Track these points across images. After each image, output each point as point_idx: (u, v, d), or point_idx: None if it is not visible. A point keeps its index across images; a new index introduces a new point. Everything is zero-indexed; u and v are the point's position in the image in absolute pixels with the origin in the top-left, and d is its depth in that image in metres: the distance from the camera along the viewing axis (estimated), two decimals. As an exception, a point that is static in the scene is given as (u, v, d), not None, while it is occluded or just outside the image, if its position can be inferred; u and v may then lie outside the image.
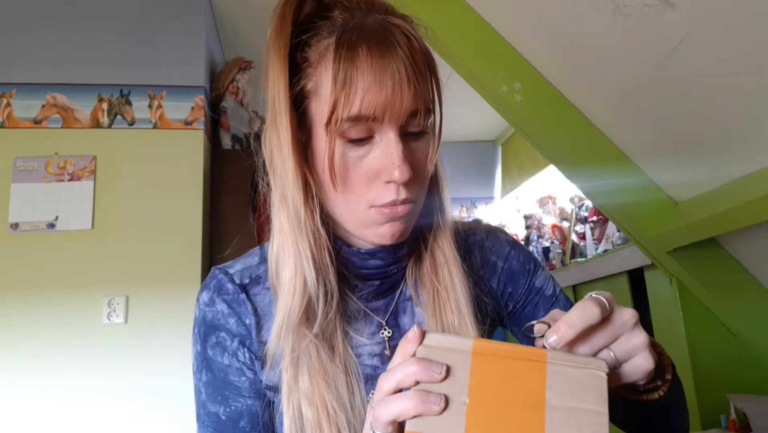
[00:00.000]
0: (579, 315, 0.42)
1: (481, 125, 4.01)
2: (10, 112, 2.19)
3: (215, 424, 0.61)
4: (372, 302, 0.64)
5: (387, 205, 0.55)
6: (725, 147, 1.18)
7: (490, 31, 1.45)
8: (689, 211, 1.34)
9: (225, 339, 0.61)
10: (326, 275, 0.57)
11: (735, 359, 1.52)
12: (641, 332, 0.46)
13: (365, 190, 0.55)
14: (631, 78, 1.23)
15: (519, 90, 1.44)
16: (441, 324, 0.61)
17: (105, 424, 2.00)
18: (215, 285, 0.63)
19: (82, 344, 2.04)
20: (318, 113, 0.55)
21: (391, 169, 0.53)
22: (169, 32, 2.35)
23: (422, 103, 0.54)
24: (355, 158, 0.54)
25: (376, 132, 0.54)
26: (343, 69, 0.51)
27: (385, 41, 0.52)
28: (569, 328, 0.42)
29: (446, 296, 0.62)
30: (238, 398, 0.61)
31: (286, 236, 0.57)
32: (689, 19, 0.97)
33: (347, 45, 0.52)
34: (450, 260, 0.63)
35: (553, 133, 1.47)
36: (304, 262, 0.56)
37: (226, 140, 2.53)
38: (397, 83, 0.51)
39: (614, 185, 1.45)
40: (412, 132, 0.55)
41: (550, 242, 3.00)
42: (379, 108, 0.51)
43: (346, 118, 0.52)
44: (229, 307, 0.62)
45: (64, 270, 2.09)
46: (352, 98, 0.51)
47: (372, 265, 0.62)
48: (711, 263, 1.44)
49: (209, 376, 0.62)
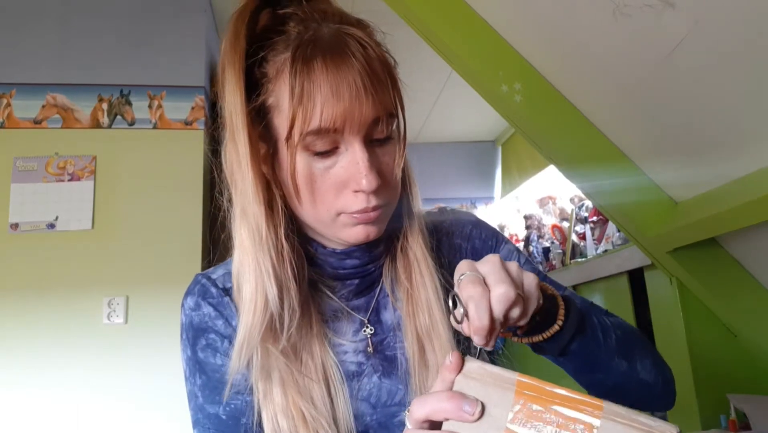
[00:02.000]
0: (477, 304, 0.44)
1: (481, 125, 4.01)
2: (10, 112, 2.19)
3: (217, 425, 0.61)
4: (353, 301, 0.65)
5: (357, 212, 0.56)
6: (725, 147, 1.18)
7: (490, 31, 1.45)
8: (689, 212, 1.34)
9: (215, 340, 0.62)
10: (288, 290, 0.57)
11: (735, 359, 1.52)
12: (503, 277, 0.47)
13: (334, 199, 0.56)
14: (631, 78, 1.23)
15: (519, 90, 1.44)
16: (415, 324, 0.62)
17: (105, 424, 2.00)
18: (200, 290, 0.64)
19: (82, 344, 2.04)
20: (280, 128, 0.55)
21: (358, 178, 0.54)
22: (169, 32, 2.35)
23: (383, 110, 0.54)
24: (322, 170, 0.55)
25: (341, 143, 0.54)
26: (299, 83, 0.51)
27: (340, 52, 0.52)
28: (479, 322, 0.44)
29: (418, 295, 0.62)
30: (236, 396, 0.61)
31: (247, 251, 0.56)
32: (689, 19, 0.97)
33: (302, 59, 0.52)
34: (420, 258, 0.63)
35: (553, 133, 1.47)
36: (265, 278, 0.55)
37: (226, 140, 2.53)
38: (354, 94, 0.51)
39: (614, 185, 1.45)
40: (377, 139, 0.56)
41: (550, 242, 3.00)
42: (338, 120, 0.51)
43: (306, 133, 0.52)
44: (216, 310, 0.62)
45: (64, 270, 2.09)
46: (311, 113, 0.51)
47: (349, 264, 0.62)
48: (711, 263, 1.44)
49: (204, 378, 0.62)
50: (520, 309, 0.47)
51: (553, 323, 0.54)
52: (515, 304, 0.46)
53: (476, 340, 0.45)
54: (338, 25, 0.55)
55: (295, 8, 0.57)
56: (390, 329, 0.65)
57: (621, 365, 0.61)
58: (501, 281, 0.45)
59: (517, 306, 0.46)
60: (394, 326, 0.65)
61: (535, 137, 1.51)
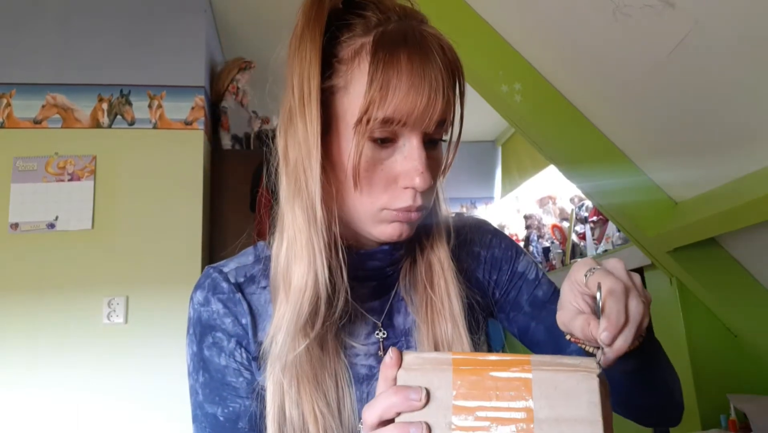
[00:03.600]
0: (618, 304, 0.43)
1: (481, 125, 4.01)
2: (10, 112, 2.19)
3: (213, 425, 0.60)
4: (367, 303, 0.64)
5: (401, 209, 0.55)
6: (725, 147, 1.18)
7: (490, 31, 1.45)
8: (689, 211, 1.34)
9: (222, 339, 0.60)
10: (337, 275, 0.56)
11: (735, 359, 1.52)
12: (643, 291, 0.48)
13: (381, 192, 0.55)
14: (631, 78, 1.23)
15: (519, 90, 1.44)
16: (433, 332, 0.61)
17: (105, 424, 2.00)
18: (209, 284, 0.62)
19: (82, 344, 2.04)
20: (345, 111, 0.54)
21: (412, 175, 0.53)
22: (169, 32, 2.35)
23: (449, 114, 0.55)
24: (376, 160, 0.54)
25: (400, 136, 0.54)
26: (383, 71, 0.51)
27: (424, 49, 0.52)
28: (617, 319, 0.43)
29: (440, 305, 0.61)
30: (236, 399, 0.60)
31: (301, 231, 0.55)
32: (689, 19, 0.97)
33: (387, 48, 0.51)
34: (446, 268, 0.63)
35: (553, 133, 1.47)
36: (317, 259, 0.54)
37: (226, 140, 2.53)
38: (433, 92, 0.51)
39: (614, 185, 1.45)
40: (431, 140, 0.56)
41: (550, 242, 3.00)
42: (412, 114, 0.51)
43: (379, 119, 0.51)
44: (225, 306, 0.61)
45: (64, 270, 2.09)
46: (388, 101, 0.51)
47: (369, 266, 0.61)
48: (711, 263, 1.44)
49: (206, 377, 0.61)
50: (647, 321, 0.46)
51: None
52: (645, 315, 0.46)
53: (603, 337, 0.43)
54: (420, 23, 0.55)
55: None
56: (402, 333, 0.64)
57: (671, 384, 0.62)
58: (638, 292, 0.46)
59: (646, 318, 0.46)
60: (406, 330, 0.64)
61: (535, 137, 1.51)
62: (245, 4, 2.58)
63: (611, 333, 0.43)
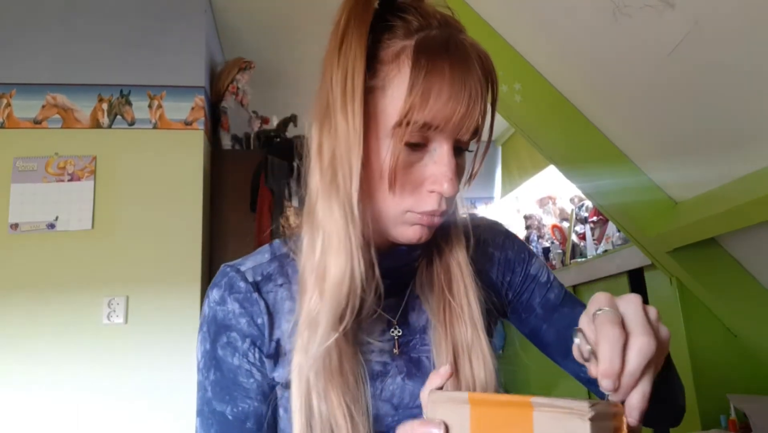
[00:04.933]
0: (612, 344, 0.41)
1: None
2: (10, 112, 2.19)
3: (221, 423, 0.61)
4: (383, 300, 0.63)
5: (426, 213, 0.56)
6: (725, 147, 1.18)
7: (489, 31, 1.45)
8: (689, 211, 1.34)
9: (236, 339, 0.61)
10: (369, 271, 0.56)
11: (735, 359, 1.52)
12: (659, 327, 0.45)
13: (408, 195, 0.55)
14: (631, 78, 1.23)
15: (519, 90, 1.44)
16: (452, 335, 0.61)
17: (105, 424, 1.99)
18: (226, 283, 0.62)
19: (82, 344, 2.04)
20: (380, 112, 0.54)
21: (441, 181, 0.54)
22: (169, 32, 2.35)
23: (483, 122, 0.55)
24: (407, 163, 0.55)
25: (432, 141, 0.54)
26: (425, 77, 0.51)
27: (466, 58, 0.53)
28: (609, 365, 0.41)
29: (459, 309, 0.62)
30: (246, 399, 0.60)
31: (338, 226, 0.54)
32: (689, 19, 0.97)
33: (430, 54, 0.52)
34: (465, 272, 0.63)
35: (553, 133, 1.47)
36: (355, 254, 0.54)
37: (226, 140, 2.53)
38: (472, 101, 0.52)
39: (614, 185, 1.45)
40: (460, 148, 0.57)
41: (550, 242, 3.00)
42: (449, 122, 0.52)
43: (418, 123, 0.52)
44: (241, 306, 0.61)
45: (64, 270, 2.09)
46: (429, 107, 0.51)
47: (385, 265, 0.60)
48: (711, 263, 1.44)
49: (218, 375, 0.61)
50: (656, 365, 0.43)
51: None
52: (653, 359, 0.42)
53: (603, 384, 0.41)
54: (459, 32, 0.56)
55: (413, 1, 0.57)
56: (417, 331, 0.65)
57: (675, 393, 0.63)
58: (644, 331, 0.42)
59: (654, 362, 0.42)
60: (421, 328, 0.65)
61: (535, 137, 1.51)
62: (245, 5, 2.58)
63: (608, 380, 0.41)
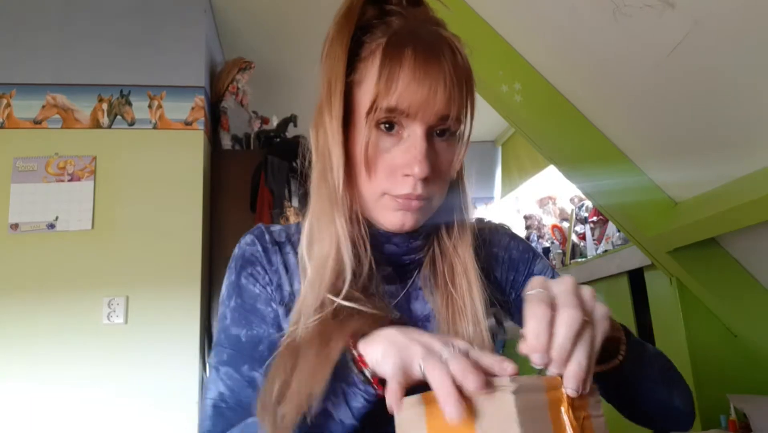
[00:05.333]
0: (537, 319, 0.43)
1: (481, 125, 4.01)
2: (10, 112, 2.19)
3: (233, 345, 0.64)
4: (383, 286, 0.66)
5: (401, 196, 0.59)
6: (725, 147, 1.18)
7: (490, 31, 1.45)
8: (689, 212, 1.34)
9: (260, 272, 0.67)
10: (362, 249, 0.61)
11: (735, 359, 1.52)
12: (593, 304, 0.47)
13: (384, 178, 0.59)
14: (631, 78, 1.23)
15: (519, 90, 1.44)
16: (455, 331, 0.63)
17: (105, 424, 1.99)
18: (258, 232, 0.69)
19: (82, 344, 2.04)
20: (360, 103, 0.59)
21: (412, 164, 0.57)
22: (169, 32, 2.35)
23: (454, 110, 0.58)
24: (382, 148, 0.59)
25: (405, 127, 0.58)
26: (389, 65, 0.56)
27: (432, 48, 0.57)
28: (536, 339, 0.43)
29: (462, 304, 0.63)
30: (261, 324, 0.65)
31: (325, 210, 0.61)
32: (689, 19, 0.97)
33: (396, 44, 0.57)
34: (470, 269, 0.65)
35: (553, 133, 1.47)
36: (340, 234, 0.59)
37: (226, 140, 2.53)
38: (434, 86, 0.56)
39: (614, 185, 1.45)
40: (440, 134, 0.60)
41: (550, 242, 3.00)
42: (413, 106, 0.56)
43: (383, 108, 0.56)
44: (266, 252, 0.68)
45: (64, 270, 2.09)
46: (392, 91, 0.55)
47: (387, 250, 0.65)
48: (711, 263, 1.44)
49: (238, 301, 0.66)
50: (589, 338, 0.45)
51: (615, 355, 0.55)
52: (583, 330, 0.44)
53: (533, 359, 0.43)
54: (436, 27, 0.60)
55: (400, 7, 0.62)
56: (418, 319, 0.67)
57: (662, 394, 0.63)
58: (570, 305, 0.44)
59: (585, 333, 0.44)
60: (423, 318, 0.67)
61: (535, 137, 1.51)
62: (245, 5, 2.58)
63: (537, 354, 0.43)
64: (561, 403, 0.41)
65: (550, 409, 0.41)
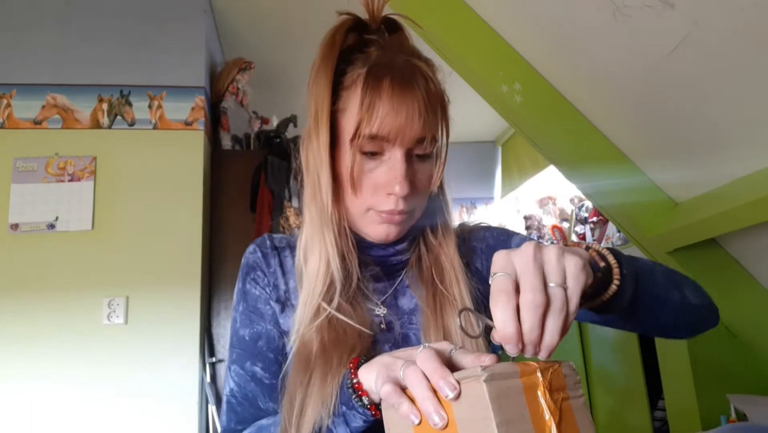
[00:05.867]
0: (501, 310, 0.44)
1: (481, 125, 4.01)
2: (10, 112, 2.19)
3: (240, 344, 0.72)
4: (372, 284, 0.73)
5: (385, 212, 0.65)
6: (725, 147, 1.18)
7: (490, 31, 1.45)
8: (689, 212, 1.34)
9: (259, 276, 0.75)
10: (350, 261, 0.68)
11: (735, 359, 1.52)
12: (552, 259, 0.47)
13: (369, 196, 0.66)
14: (631, 78, 1.23)
15: (519, 90, 1.44)
16: (442, 323, 0.67)
17: (105, 424, 1.99)
18: (260, 241, 0.78)
19: (82, 344, 2.04)
20: (344, 129, 0.65)
21: (393, 184, 0.63)
22: (169, 33, 2.35)
23: (429, 133, 0.64)
24: (366, 170, 0.65)
25: (386, 150, 0.64)
26: (369, 96, 0.62)
27: (407, 78, 0.63)
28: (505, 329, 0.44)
29: (451, 298, 0.68)
30: (260, 322, 0.72)
31: (316, 227, 0.68)
32: (689, 19, 0.97)
33: (375, 76, 0.62)
34: (456, 266, 0.71)
35: (553, 133, 1.47)
36: (329, 249, 0.66)
37: (226, 141, 2.53)
38: (410, 114, 0.61)
39: (614, 185, 1.45)
40: (418, 155, 0.65)
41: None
42: (392, 132, 0.62)
43: (366, 135, 0.62)
44: (265, 257, 0.76)
45: (64, 270, 2.09)
46: (373, 120, 0.61)
47: (375, 253, 0.72)
48: (711, 263, 1.44)
49: (244, 306, 0.74)
50: (559, 310, 0.44)
51: (608, 283, 0.55)
52: (550, 306, 0.44)
53: (508, 349, 0.44)
54: (410, 57, 0.66)
55: (378, 36, 0.68)
56: (405, 313, 0.72)
57: (675, 297, 0.63)
58: (529, 288, 0.44)
59: (554, 308, 0.44)
60: (409, 311, 0.72)
61: (535, 137, 1.51)
62: (245, 5, 2.58)
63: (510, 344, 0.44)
64: (537, 387, 0.42)
65: (526, 393, 0.42)
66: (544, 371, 0.43)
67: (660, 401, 1.86)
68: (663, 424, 1.84)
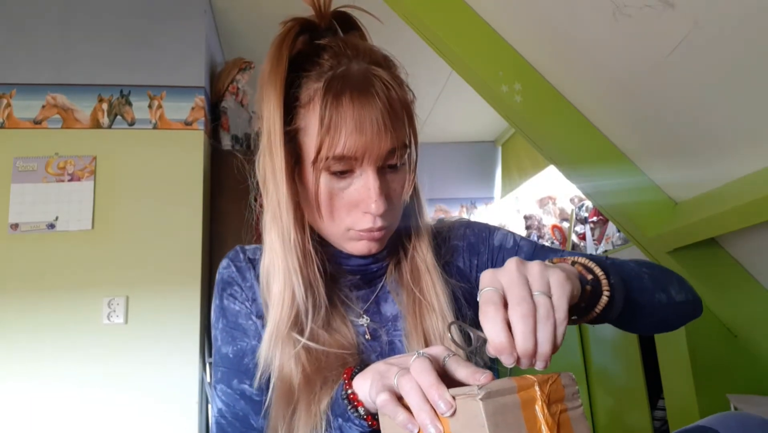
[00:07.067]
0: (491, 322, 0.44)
1: (481, 125, 4.01)
2: (10, 112, 2.19)
3: (224, 362, 0.69)
4: (354, 292, 0.71)
5: (364, 230, 0.63)
6: (725, 147, 1.18)
7: (490, 31, 1.45)
8: (689, 212, 1.34)
9: (237, 291, 0.71)
10: (315, 287, 0.64)
11: (735, 359, 1.52)
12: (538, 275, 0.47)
13: (346, 216, 0.63)
14: (631, 78, 1.23)
15: (519, 90, 1.44)
16: (423, 327, 0.66)
17: (104, 424, 1.99)
18: (233, 255, 0.74)
19: (82, 344, 2.04)
20: (307, 149, 0.61)
21: (368, 202, 0.61)
22: (169, 32, 2.35)
23: (398, 142, 0.61)
24: (338, 189, 0.62)
25: (356, 168, 0.61)
26: (329, 115, 0.57)
27: (366, 91, 0.58)
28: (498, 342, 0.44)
29: (428, 303, 0.67)
30: (244, 338, 0.69)
31: (277, 253, 0.64)
32: (689, 19, 0.97)
33: (333, 93, 0.58)
34: (431, 267, 0.69)
35: (553, 133, 1.47)
36: (293, 277, 0.63)
37: (226, 141, 2.53)
38: (375, 130, 0.58)
39: (614, 185, 1.45)
40: (390, 165, 0.62)
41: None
42: (359, 150, 0.58)
43: (330, 158, 0.59)
44: (239, 272, 0.72)
45: (64, 270, 2.09)
46: (336, 141, 0.58)
47: (353, 263, 0.69)
48: (711, 263, 1.44)
49: (224, 322, 0.70)
50: (548, 319, 0.45)
51: (599, 295, 0.55)
52: (539, 316, 0.44)
53: (504, 361, 0.44)
54: (367, 65, 0.61)
55: (330, 40, 0.63)
56: (388, 319, 0.71)
57: (662, 298, 0.64)
58: (516, 300, 0.45)
59: (543, 318, 0.45)
60: (392, 318, 0.71)
61: (535, 137, 1.51)
62: (245, 5, 2.58)
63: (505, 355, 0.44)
64: (535, 401, 0.42)
65: (524, 408, 0.41)
66: (543, 384, 0.42)
67: (660, 400, 1.87)
68: (663, 424, 1.84)
